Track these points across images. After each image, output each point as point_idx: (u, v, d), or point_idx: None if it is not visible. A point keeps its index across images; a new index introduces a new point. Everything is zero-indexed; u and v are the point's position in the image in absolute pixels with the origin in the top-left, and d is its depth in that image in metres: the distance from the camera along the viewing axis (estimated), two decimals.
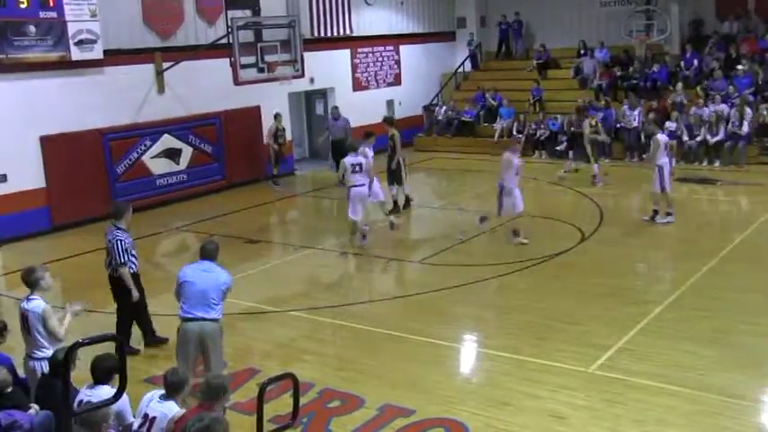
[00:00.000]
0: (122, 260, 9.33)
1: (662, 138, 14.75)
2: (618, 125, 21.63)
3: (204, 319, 7.70)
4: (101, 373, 6.08)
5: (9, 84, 15.66)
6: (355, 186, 13.89)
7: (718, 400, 7.69)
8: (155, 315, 10.13)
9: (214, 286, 7.72)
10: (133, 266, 9.61)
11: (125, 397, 5.81)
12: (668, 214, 14.68)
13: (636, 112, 21.18)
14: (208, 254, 7.94)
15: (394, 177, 16.41)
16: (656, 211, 14.69)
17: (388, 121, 17.21)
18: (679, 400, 7.74)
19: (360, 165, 13.91)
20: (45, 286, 7.51)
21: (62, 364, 4.52)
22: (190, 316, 7.74)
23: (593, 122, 19.36)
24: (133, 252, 9.61)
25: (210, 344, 7.77)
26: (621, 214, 16.09)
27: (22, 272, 7.70)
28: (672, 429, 7.24)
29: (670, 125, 19.98)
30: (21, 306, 7.52)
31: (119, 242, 9.32)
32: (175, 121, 18.81)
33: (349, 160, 13.96)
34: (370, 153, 14.76)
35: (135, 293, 9.52)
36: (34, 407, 6.25)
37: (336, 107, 21.53)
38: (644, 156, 20.26)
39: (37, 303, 7.37)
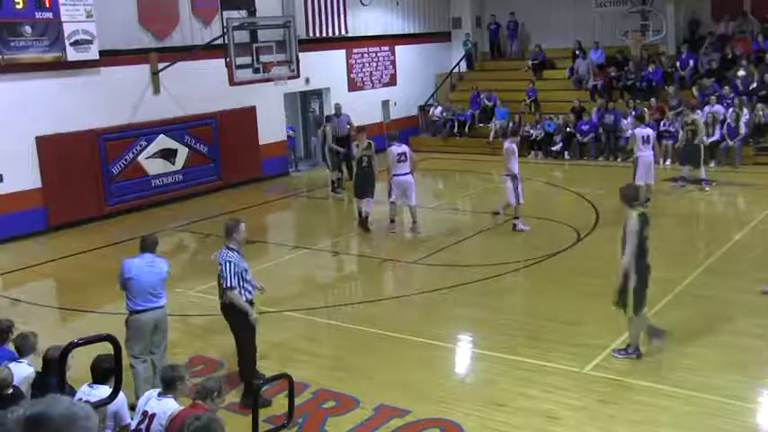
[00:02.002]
0: (231, 283, 8.05)
1: (639, 132, 15.85)
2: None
3: (157, 308, 8.29)
4: (100, 373, 6.09)
5: (5, 84, 15.65)
6: (398, 175, 14.50)
7: (713, 400, 7.71)
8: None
9: (159, 278, 8.29)
10: (248, 293, 8.28)
11: (122, 397, 5.82)
12: (647, 200, 15.23)
13: (628, 120, 21.19)
14: (149, 247, 8.42)
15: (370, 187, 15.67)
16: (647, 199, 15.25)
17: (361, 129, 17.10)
18: (674, 400, 7.76)
19: (404, 154, 14.43)
20: (38, 352, 7.03)
21: (58, 363, 4.52)
22: (143, 308, 8.22)
23: (690, 120, 18.18)
24: (247, 277, 8.27)
25: (162, 326, 8.42)
26: (617, 215, 16.07)
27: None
28: (666, 430, 7.25)
29: (664, 124, 20.05)
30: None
31: (228, 263, 8.07)
32: (171, 121, 18.81)
33: (394, 150, 14.55)
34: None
35: (252, 314, 8.19)
36: None
37: (339, 104, 21.48)
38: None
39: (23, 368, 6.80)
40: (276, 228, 17.93)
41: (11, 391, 6.26)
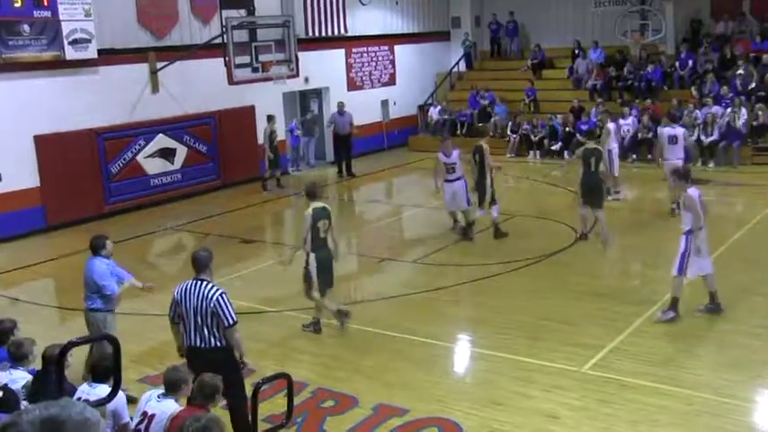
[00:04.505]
0: (235, 318, 6.91)
1: (611, 126, 16.52)
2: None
3: (88, 309, 8.49)
4: (100, 372, 6.07)
5: (3, 83, 15.63)
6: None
7: (712, 399, 7.71)
8: (143, 315, 9.95)
9: (88, 279, 8.43)
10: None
11: (121, 396, 5.82)
12: (616, 192, 16.43)
13: (629, 120, 21.15)
14: (92, 249, 8.54)
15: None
16: (608, 189, 15.69)
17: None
18: (672, 399, 7.76)
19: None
20: (32, 359, 6.77)
21: (57, 361, 4.51)
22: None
23: (601, 125, 18.43)
24: None
25: (90, 328, 8.45)
26: (616, 214, 16.10)
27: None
28: (665, 429, 7.25)
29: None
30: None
31: (223, 297, 6.84)
32: (170, 120, 18.79)
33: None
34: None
35: (250, 363, 7.37)
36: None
37: (342, 102, 21.67)
38: (634, 156, 20.58)
39: (21, 375, 6.58)
40: (275, 227, 17.93)
41: (0, 394, 6.22)
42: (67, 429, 2.13)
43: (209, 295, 6.82)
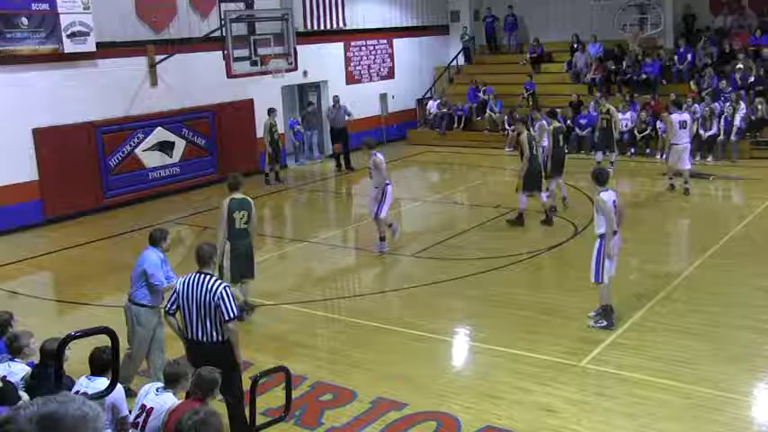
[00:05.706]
0: (236, 312, 6.94)
1: (545, 123, 16.11)
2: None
3: (131, 301, 8.22)
4: (98, 365, 6.07)
5: (1, 76, 15.59)
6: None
7: (710, 393, 7.72)
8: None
9: (138, 268, 8.17)
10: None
11: (120, 389, 5.81)
12: (547, 189, 15.64)
13: (627, 115, 21.14)
14: (149, 239, 8.33)
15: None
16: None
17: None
18: (670, 393, 7.76)
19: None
20: (28, 352, 6.78)
21: (56, 355, 4.51)
22: None
23: (605, 109, 18.84)
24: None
25: (130, 322, 8.19)
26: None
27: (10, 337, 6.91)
28: (663, 423, 7.26)
29: (660, 125, 20.04)
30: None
31: (226, 291, 6.87)
32: (168, 113, 18.77)
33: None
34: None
35: (240, 357, 7.22)
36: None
37: (337, 96, 21.66)
38: (632, 150, 20.57)
39: (20, 368, 6.57)
40: (273, 221, 17.91)
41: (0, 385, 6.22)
42: (65, 426, 2.10)
43: (213, 289, 6.83)
